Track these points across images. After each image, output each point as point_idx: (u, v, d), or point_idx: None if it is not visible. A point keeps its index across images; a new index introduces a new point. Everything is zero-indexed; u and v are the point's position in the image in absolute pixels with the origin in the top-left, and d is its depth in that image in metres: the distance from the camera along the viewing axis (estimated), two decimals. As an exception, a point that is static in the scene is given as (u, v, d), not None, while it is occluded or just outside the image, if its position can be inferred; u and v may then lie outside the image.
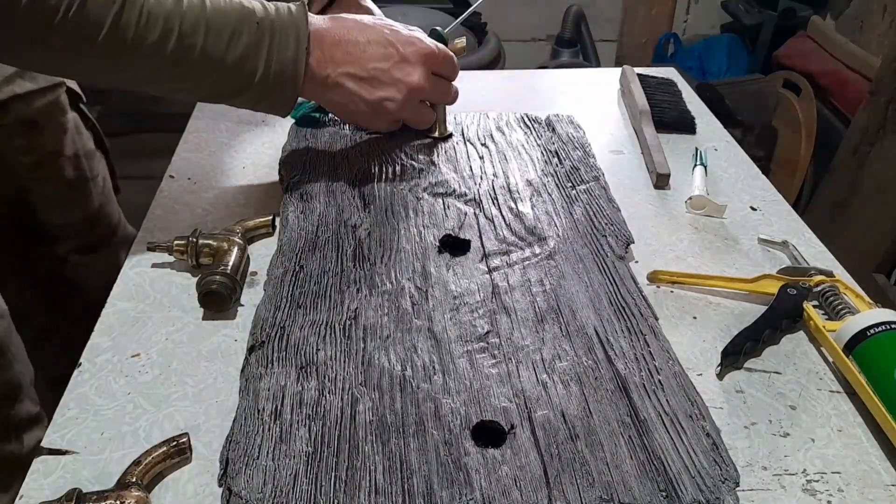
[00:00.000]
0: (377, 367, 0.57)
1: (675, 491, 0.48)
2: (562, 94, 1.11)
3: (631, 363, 0.58)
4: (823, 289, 0.70)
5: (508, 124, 0.93)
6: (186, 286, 0.71)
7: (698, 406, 0.55)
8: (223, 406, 0.58)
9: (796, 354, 0.66)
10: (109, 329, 0.65)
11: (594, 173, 0.83)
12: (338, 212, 0.75)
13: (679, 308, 0.71)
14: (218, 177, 0.88)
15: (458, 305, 0.64)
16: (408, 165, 0.83)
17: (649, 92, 1.05)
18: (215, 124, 0.99)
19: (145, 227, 0.79)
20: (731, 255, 0.78)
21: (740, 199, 0.87)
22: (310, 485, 0.48)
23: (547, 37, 2.72)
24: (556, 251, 0.71)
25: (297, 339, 0.60)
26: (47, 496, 0.51)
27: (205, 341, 0.65)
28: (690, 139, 1.00)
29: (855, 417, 0.60)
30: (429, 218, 0.75)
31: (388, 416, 0.53)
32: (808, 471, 0.55)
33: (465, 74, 1.18)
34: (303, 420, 0.53)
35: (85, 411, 0.58)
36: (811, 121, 2.07)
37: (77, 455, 0.54)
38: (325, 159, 0.84)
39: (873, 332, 0.61)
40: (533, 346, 0.60)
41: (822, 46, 2.17)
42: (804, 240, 0.81)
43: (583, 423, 0.53)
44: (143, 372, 0.61)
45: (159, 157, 0.99)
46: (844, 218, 1.78)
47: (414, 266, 0.68)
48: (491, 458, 0.50)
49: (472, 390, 0.55)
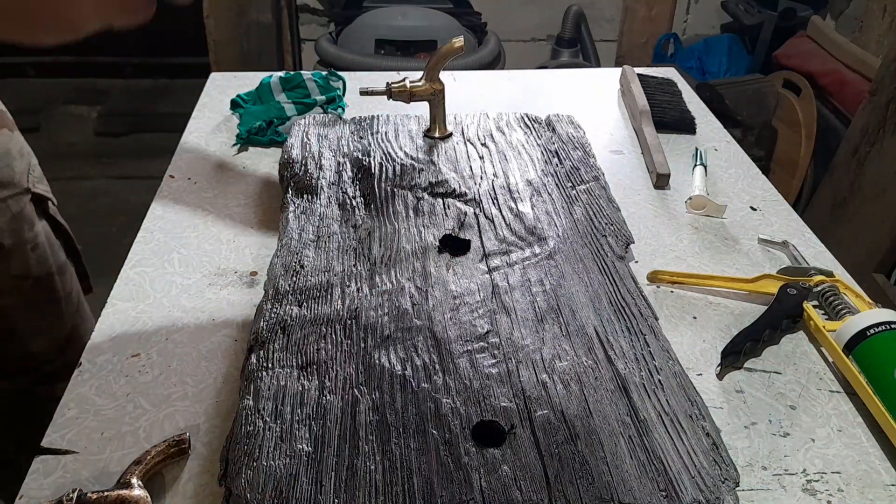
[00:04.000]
0: (377, 367, 0.57)
1: (675, 491, 0.48)
2: (562, 94, 1.11)
3: (631, 363, 0.58)
4: (823, 289, 0.70)
5: (508, 124, 0.93)
6: (186, 286, 0.71)
7: (698, 406, 0.55)
8: (223, 406, 0.58)
9: (796, 354, 0.66)
10: (109, 329, 0.65)
11: (594, 173, 0.83)
12: (338, 211, 0.75)
13: (679, 308, 0.71)
14: (218, 177, 0.88)
15: (458, 305, 0.64)
16: (408, 165, 0.83)
17: (649, 92, 1.05)
18: (215, 124, 0.99)
19: (145, 226, 0.79)
20: (731, 255, 0.78)
21: (740, 199, 0.87)
22: (310, 485, 0.48)
23: (547, 37, 2.72)
24: (556, 251, 0.71)
25: (298, 338, 0.60)
26: (47, 496, 0.51)
27: (205, 341, 0.65)
28: (690, 139, 1.00)
29: (855, 417, 0.60)
30: (429, 218, 0.75)
31: (388, 416, 0.53)
32: (808, 471, 0.55)
33: (465, 74, 1.18)
34: (303, 420, 0.53)
35: (85, 411, 0.58)
36: (811, 121, 2.07)
37: (77, 455, 0.54)
38: (325, 159, 0.84)
39: (873, 332, 0.61)
40: (533, 345, 0.60)
41: (822, 46, 2.17)
42: (804, 240, 0.81)
43: (583, 423, 0.53)
44: (143, 372, 0.61)
45: (159, 157, 0.99)
46: (844, 218, 1.78)
47: (414, 266, 0.68)
48: (491, 458, 0.50)
49: (472, 390, 0.55)
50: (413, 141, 0.88)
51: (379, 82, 0.89)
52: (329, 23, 2.52)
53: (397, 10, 2.18)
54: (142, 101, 2.81)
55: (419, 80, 0.87)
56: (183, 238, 0.77)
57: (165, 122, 1.99)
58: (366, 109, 1.01)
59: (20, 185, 0.81)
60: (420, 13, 2.18)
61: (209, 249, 0.76)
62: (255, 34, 2.34)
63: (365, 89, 0.88)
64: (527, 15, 2.68)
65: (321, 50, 2.13)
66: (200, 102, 1.05)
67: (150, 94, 2.84)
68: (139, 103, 2.80)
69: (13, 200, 0.80)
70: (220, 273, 0.73)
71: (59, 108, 2.72)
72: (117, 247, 0.84)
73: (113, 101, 2.79)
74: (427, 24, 2.15)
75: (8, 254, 0.80)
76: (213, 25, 2.28)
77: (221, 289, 0.71)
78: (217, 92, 1.07)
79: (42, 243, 0.84)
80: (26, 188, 0.82)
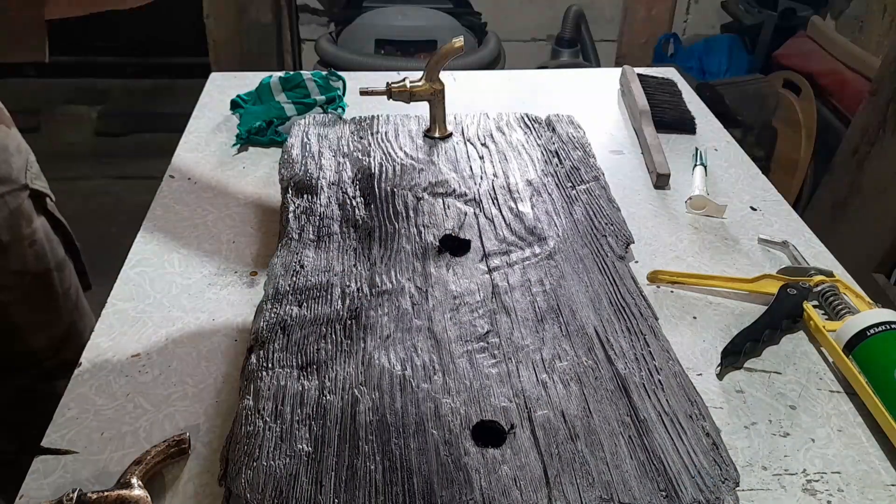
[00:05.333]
0: (377, 367, 0.57)
1: (675, 491, 0.48)
2: (562, 94, 1.11)
3: (631, 363, 0.58)
4: (823, 289, 0.70)
5: (508, 124, 0.93)
6: (186, 286, 0.71)
7: (698, 406, 0.55)
8: (223, 406, 0.58)
9: (796, 354, 0.66)
10: (109, 329, 0.65)
11: (594, 173, 0.83)
12: (338, 211, 0.75)
13: (679, 308, 0.71)
14: (218, 177, 0.88)
15: (458, 305, 0.64)
16: (408, 165, 0.83)
17: (649, 92, 1.05)
18: (215, 124, 0.99)
19: (145, 227, 0.79)
20: (731, 255, 0.78)
21: (740, 199, 0.87)
22: (310, 485, 0.48)
23: (547, 37, 2.72)
24: (556, 251, 0.71)
25: (298, 338, 0.60)
26: (47, 496, 0.51)
27: (205, 341, 0.65)
28: (690, 139, 1.00)
29: (855, 417, 0.60)
30: (429, 218, 0.75)
31: (388, 416, 0.53)
32: (808, 471, 0.55)
33: (465, 74, 1.18)
34: (303, 420, 0.53)
35: (85, 411, 0.58)
36: (811, 121, 2.07)
37: (77, 455, 0.54)
38: (325, 159, 0.84)
39: (873, 332, 0.61)
40: (533, 345, 0.60)
41: (822, 46, 2.17)
42: (804, 240, 0.81)
43: (583, 423, 0.53)
44: (143, 372, 0.61)
45: (159, 157, 0.99)
46: (844, 218, 1.78)
47: (414, 266, 0.68)
48: (491, 458, 0.50)
49: (472, 390, 0.55)
50: (413, 141, 0.88)
51: (379, 82, 0.89)
52: (329, 23, 2.52)
53: (397, 10, 2.18)
54: (142, 101, 2.81)
55: (419, 80, 0.87)
56: (183, 238, 0.77)
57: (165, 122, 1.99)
58: (366, 109, 1.01)
59: (18, 182, 0.81)
60: (420, 13, 2.18)
61: (209, 249, 0.76)
62: (255, 34, 2.34)
63: (365, 89, 0.88)
64: (527, 15, 2.68)
65: (321, 50, 2.13)
66: (200, 102, 1.05)
67: (150, 94, 2.84)
68: (139, 103, 2.80)
69: (11, 196, 0.80)
70: (220, 273, 0.73)
71: (59, 108, 2.72)
72: (117, 247, 0.84)
73: (113, 101, 2.79)
74: (427, 24, 2.14)
75: (6, 249, 0.80)
76: (213, 25, 2.28)
77: (221, 289, 0.71)
78: (217, 92, 1.07)
79: (40, 239, 0.84)
80: (24, 184, 0.82)
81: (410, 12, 2.16)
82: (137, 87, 2.87)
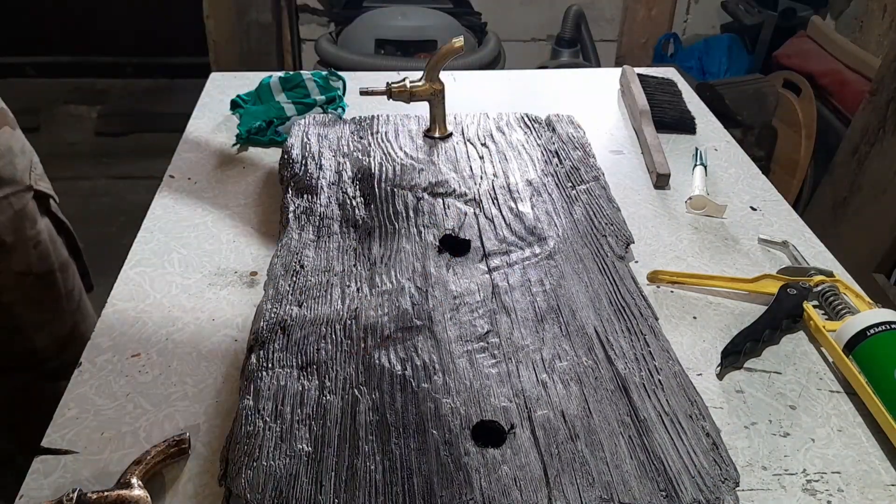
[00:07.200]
0: (377, 367, 0.57)
1: (675, 491, 0.48)
2: (562, 94, 1.11)
3: (631, 363, 0.58)
4: (823, 289, 0.70)
5: (508, 124, 0.93)
6: (186, 286, 0.71)
7: (698, 406, 0.55)
8: (223, 406, 0.58)
9: (796, 354, 0.66)
10: (109, 329, 0.65)
11: (594, 173, 0.83)
12: (338, 211, 0.75)
13: (679, 308, 0.71)
14: (218, 177, 0.88)
15: (458, 305, 0.64)
16: (408, 165, 0.83)
17: (649, 92, 1.05)
18: (215, 124, 0.99)
19: (145, 226, 0.79)
20: (731, 255, 0.78)
21: (740, 199, 0.87)
22: (310, 485, 0.48)
23: (547, 37, 2.72)
24: (556, 251, 0.71)
25: (298, 338, 0.60)
26: (47, 496, 0.51)
27: (205, 341, 0.65)
28: (690, 139, 1.00)
29: (855, 417, 0.60)
30: (429, 218, 0.75)
31: (388, 416, 0.53)
32: (808, 471, 0.55)
33: (465, 74, 1.18)
34: (303, 420, 0.53)
35: (85, 411, 0.58)
36: (811, 121, 2.07)
37: (77, 455, 0.54)
38: (325, 159, 0.84)
39: (873, 332, 0.61)
40: (533, 345, 0.60)
41: (822, 46, 2.17)
42: (804, 240, 0.81)
43: (583, 423, 0.53)
44: (143, 372, 0.61)
45: (159, 157, 0.99)
46: (844, 218, 1.78)
47: (414, 266, 0.68)
48: (491, 458, 0.50)
49: (472, 390, 0.55)
50: (413, 141, 0.88)
51: (379, 82, 0.89)
52: (329, 23, 2.52)
53: (397, 10, 2.18)
54: (142, 101, 2.81)
55: (419, 80, 0.87)
56: (183, 238, 0.77)
57: (165, 122, 1.99)
58: (366, 109, 1.01)
59: (22, 183, 0.81)
60: (420, 13, 2.18)
61: (209, 249, 0.76)
62: (255, 34, 2.34)
63: (365, 89, 0.88)
64: (527, 15, 2.68)
65: (321, 50, 2.13)
66: (200, 102, 1.05)
67: (150, 94, 2.84)
68: (139, 103, 2.80)
69: (15, 198, 0.80)
70: (220, 273, 0.73)
71: (59, 108, 2.72)
72: (117, 247, 0.84)
73: (113, 101, 2.79)
74: (427, 24, 2.14)
75: (10, 250, 0.80)
76: (213, 25, 2.28)
77: (221, 289, 0.71)
78: (217, 92, 1.07)
79: (44, 240, 0.84)
80: (28, 185, 0.82)
81: (410, 12, 2.16)
82: (137, 87, 2.87)
